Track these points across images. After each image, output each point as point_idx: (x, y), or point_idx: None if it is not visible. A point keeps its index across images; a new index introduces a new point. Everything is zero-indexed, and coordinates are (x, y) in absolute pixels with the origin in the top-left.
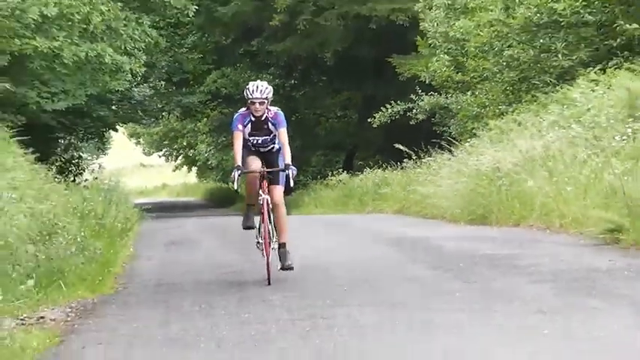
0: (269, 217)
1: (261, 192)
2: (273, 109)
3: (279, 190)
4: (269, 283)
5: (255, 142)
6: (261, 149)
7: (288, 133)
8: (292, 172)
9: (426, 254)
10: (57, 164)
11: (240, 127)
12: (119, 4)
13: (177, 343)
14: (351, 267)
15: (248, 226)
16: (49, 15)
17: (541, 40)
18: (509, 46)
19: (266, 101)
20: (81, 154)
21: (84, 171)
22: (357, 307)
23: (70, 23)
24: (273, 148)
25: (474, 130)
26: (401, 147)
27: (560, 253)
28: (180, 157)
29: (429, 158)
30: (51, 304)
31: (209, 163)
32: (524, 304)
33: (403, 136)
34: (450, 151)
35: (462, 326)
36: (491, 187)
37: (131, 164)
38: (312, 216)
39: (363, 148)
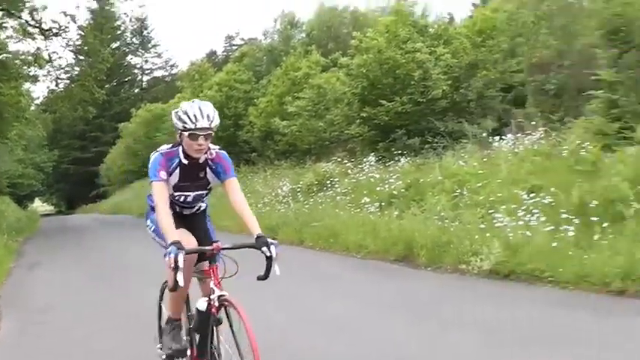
0: (232, 334)
1: (213, 286)
2: (214, 148)
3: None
4: None
5: (181, 199)
6: (186, 211)
7: None
8: (274, 248)
9: None
10: None
11: (163, 174)
12: None
13: None
14: None
15: (179, 351)
16: None
17: None
18: None
19: (212, 134)
20: None
21: None
22: None
23: None
24: (200, 208)
25: None
26: None
27: None
28: None
29: None
30: None
31: None
32: None
33: None
34: None
35: None
36: None
37: None
38: None
39: None
